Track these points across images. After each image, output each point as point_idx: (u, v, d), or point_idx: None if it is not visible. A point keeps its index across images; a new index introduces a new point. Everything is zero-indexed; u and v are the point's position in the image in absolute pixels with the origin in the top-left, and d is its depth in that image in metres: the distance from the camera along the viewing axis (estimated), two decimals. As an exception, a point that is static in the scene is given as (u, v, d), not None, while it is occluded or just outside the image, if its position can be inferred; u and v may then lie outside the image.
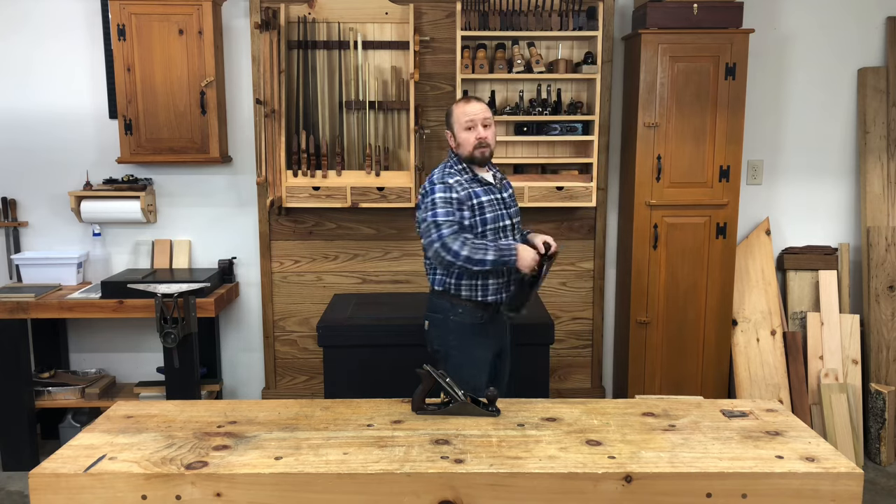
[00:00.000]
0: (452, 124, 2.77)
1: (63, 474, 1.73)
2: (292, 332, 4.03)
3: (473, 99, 2.79)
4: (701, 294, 3.69)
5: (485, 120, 2.72)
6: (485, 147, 2.72)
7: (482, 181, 2.75)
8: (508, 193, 2.84)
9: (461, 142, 2.73)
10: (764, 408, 2.13)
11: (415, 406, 2.11)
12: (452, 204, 2.65)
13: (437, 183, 2.69)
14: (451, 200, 2.66)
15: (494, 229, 2.72)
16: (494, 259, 2.60)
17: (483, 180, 2.76)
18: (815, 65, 3.89)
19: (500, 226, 2.75)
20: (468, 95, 2.93)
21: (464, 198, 2.67)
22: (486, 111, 2.74)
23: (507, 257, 2.61)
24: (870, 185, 3.90)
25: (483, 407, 2.09)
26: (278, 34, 3.64)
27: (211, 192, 3.93)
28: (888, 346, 3.84)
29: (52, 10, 3.76)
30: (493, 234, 2.72)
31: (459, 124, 2.73)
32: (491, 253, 2.60)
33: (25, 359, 3.63)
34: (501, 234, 2.74)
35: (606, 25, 3.75)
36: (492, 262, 2.60)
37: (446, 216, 2.63)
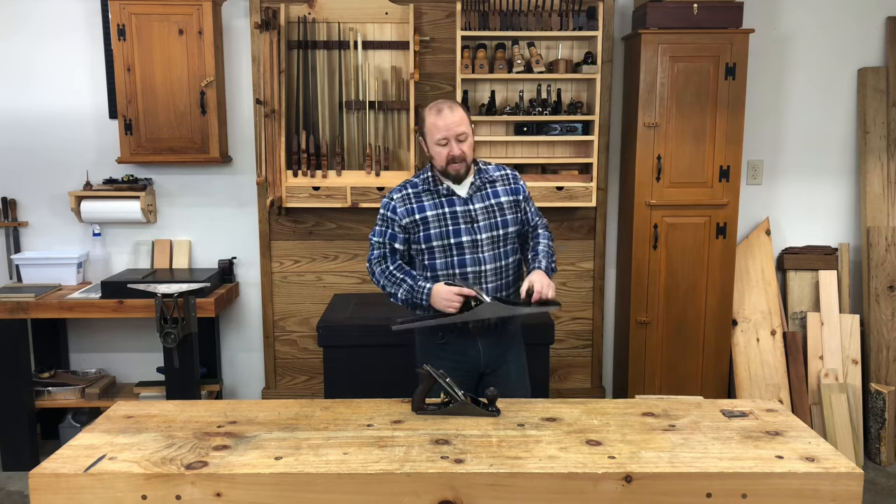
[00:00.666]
0: (424, 134, 2.52)
1: (63, 474, 1.73)
2: (292, 332, 4.03)
3: (446, 107, 2.46)
4: (701, 294, 3.69)
5: (460, 135, 2.44)
6: (459, 163, 2.46)
7: (441, 192, 2.52)
8: (488, 204, 2.53)
9: (433, 155, 2.50)
10: (764, 408, 2.13)
11: (415, 406, 2.10)
12: (385, 223, 2.54)
13: (385, 197, 2.57)
14: (385, 219, 2.54)
15: (444, 246, 2.49)
16: (405, 298, 2.49)
17: (444, 191, 2.52)
18: (815, 65, 3.89)
19: (454, 242, 2.49)
20: (441, 103, 2.49)
21: (401, 214, 2.51)
22: (460, 123, 2.44)
23: (419, 298, 2.45)
24: (870, 185, 3.90)
25: (483, 407, 2.09)
26: (278, 34, 3.64)
27: (211, 192, 3.93)
28: (888, 346, 3.84)
29: (52, 10, 3.76)
30: (442, 252, 2.50)
31: (431, 138, 2.48)
32: (403, 290, 2.48)
33: (25, 359, 3.63)
34: (455, 250, 2.49)
35: (606, 25, 3.75)
36: (403, 300, 2.50)
37: (379, 236, 2.55)
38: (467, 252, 2.51)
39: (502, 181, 2.61)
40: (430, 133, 2.47)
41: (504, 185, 2.59)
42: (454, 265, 2.51)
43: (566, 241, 3.96)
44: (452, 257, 2.51)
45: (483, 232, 2.51)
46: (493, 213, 2.54)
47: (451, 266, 2.51)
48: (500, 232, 2.54)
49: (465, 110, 2.50)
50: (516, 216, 2.59)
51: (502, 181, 2.61)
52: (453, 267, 2.51)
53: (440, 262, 2.52)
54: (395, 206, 2.53)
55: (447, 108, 2.46)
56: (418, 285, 2.46)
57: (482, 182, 2.57)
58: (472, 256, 2.51)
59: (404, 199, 2.54)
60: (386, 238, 2.55)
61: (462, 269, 2.51)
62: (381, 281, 2.54)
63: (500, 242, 2.55)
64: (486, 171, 2.60)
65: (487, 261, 2.53)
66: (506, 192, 2.59)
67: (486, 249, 2.52)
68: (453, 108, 2.47)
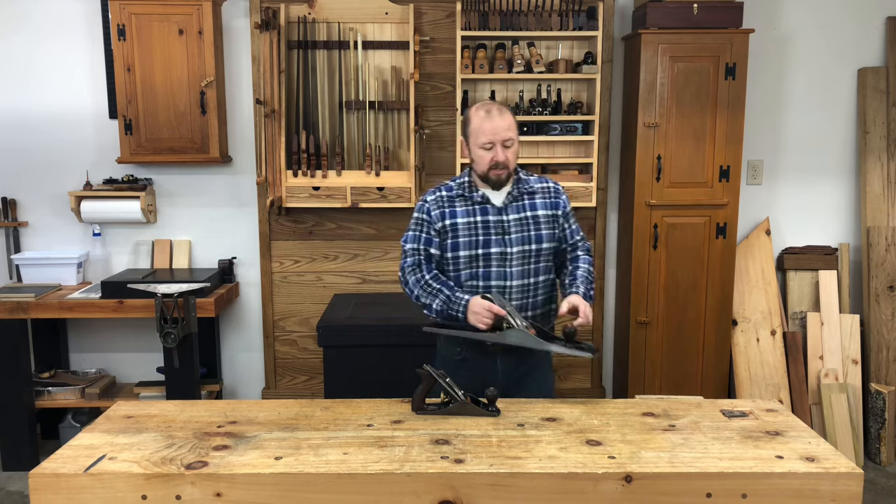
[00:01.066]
0: (468, 135, 2.38)
1: (63, 474, 1.73)
2: (292, 332, 4.03)
3: (495, 109, 2.34)
4: (701, 294, 3.69)
5: (506, 140, 2.32)
6: (502, 169, 2.34)
7: (475, 199, 2.41)
8: (523, 216, 2.41)
9: (475, 158, 2.37)
10: (764, 408, 2.13)
11: (415, 406, 2.10)
12: (421, 226, 2.42)
13: (419, 200, 2.47)
14: (421, 223, 2.42)
15: (472, 257, 2.37)
16: (440, 309, 2.34)
17: (478, 199, 2.40)
18: (815, 65, 3.89)
19: (482, 253, 2.37)
20: (489, 104, 2.37)
21: (435, 217, 2.40)
22: (509, 129, 2.33)
23: (455, 310, 2.30)
24: (870, 185, 3.90)
25: (483, 407, 2.08)
26: (278, 34, 3.64)
27: (211, 192, 3.93)
28: (888, 346, 3.84)
29: (52, 10, 3.76)
30: (468, 262, 2.38)
31: (476, 141, 2.35)
32: (439, 301, 2.34)
33: (25, 359, 3.63)
34: (482, 262, 2.37)
35: (606, 25, 3.75)
36: (437, 311, 2.35)
37: (413, 242, 2.42)
38: (494, 265, 2.38)
39: (543, 194, 2.46)
40: (475, 135, 2.34)
41: (544, 198, 2.45)
42: (478, 276, 2.39)
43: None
44: (478, 268, 2.39)
45: (514, 245, 2.38)
46: (528, 226, 2.41)
47: (476, 277, 2.39)
48: (532, 247, 2.40)
49: (512, 118, 2.38)
50: (553, 232, 2.44)
51: (543, 194, 2.46)
52: (477, 279, 2.39)
53: (465, 272, 2.40)
54: (429, 209, 2.42)
55: (496, 111, 2.34)
56: (455, 296, 2.32)
57: (520, 192, 2.43)
58: (498, 270, 2.38)
59: (438, 202, 2.42)
60: (421, 244, 2.42)
61: (486, 281, 2.38)
62: (416, 291, 2.40)
63: (532, 258, 2.41)
64: (527, 181, 2.47)
65: (514, 276, 2.39)
66: (545, 205, 2.45)
67: (514, 264, 2.38)
68: (502, 111, 2.35)
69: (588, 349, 2.20)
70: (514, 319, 2.23)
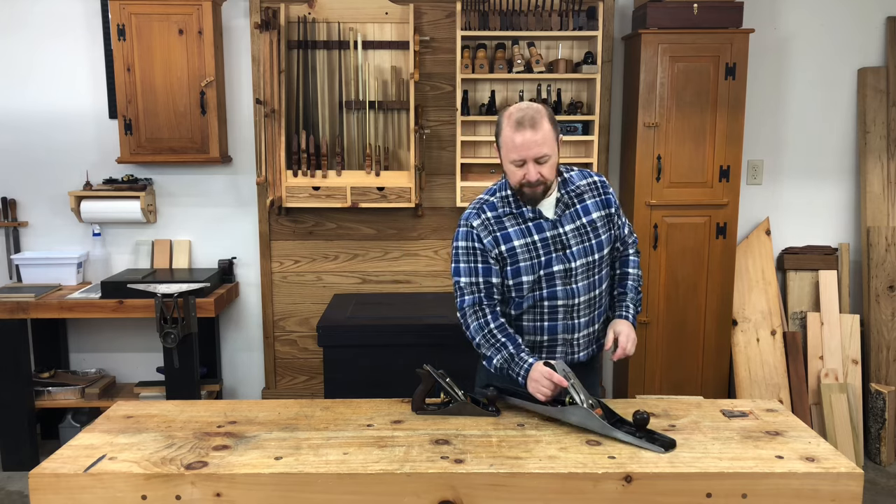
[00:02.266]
0: (500, 145, 2.13)
1: (63, 474, 1.73)
2: (292, 332, 4.02)
3: (527, 122, 2.03)
4: (701, 294, 3.69)
5: (540, 157, 2.05)
6: (536, 186, 2.09)
7: (527, 215, 2.16)
8: (579, 224, 2.18)
9: (507, 172, 2.13)
10: (764, 408, 2.13)
11: (415, 406, 2.09)
12: (476, 256, 2.15)
13: (462, 225, 2.17)
14: (473, 252, 2.15)
15: (534, 280, 2.15)
16: (501, 366, 2.13)
17: (529, 214, 2.16)
18: (815, 65, 3.89)
19: (545, 274, 2.15)
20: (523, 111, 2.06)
21: (489, 244, 2.14)
22: (542, 144, 2.04)
23: (516, 371, 2.09)
24: (870, 185, 3.90)
25: (483, 407, 2.08)
26: (278, 34, 3.64)
27: (211, 192, 3.93)
28: (888, 346, 3.84)
29: (52, 11, 3.76)
30: (531, 286, 2.16)
31: (506, 155, 2.09)
32: (501, 357, 2.11)
33: (25, 359, 3.63)
34: (546, 282, 2.15)
35: (606, 25, 3.75)
36: (497, 367, 2.14)
37: (468, 275, 2.15)
38: (559, 283, 2.16)
39: (591, 192, 2.22)
40: (505, 148, 2.08)
41: (594, 197, 2.22)
42: (543, 298, 2.17)
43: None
44: (542, 290, 2.16)
45: (577, 259, 2.16)
46: (587, 235, 2.18)
47: (541, 299, 2.17)
48: (595, 256, 2.19)
49: (551, 124, 2.07)
50: (610, 234, 2.23)
51: (591, 192, 2.22)
52: (542, 300, 2.17)
53: (528, 297, 2.17)
54: (479, 235, 2.15)
55: (528, 123, 2.03)
56: (520, 357, 2.08)
57: (569, 197, 2.19)
58: (563, 288, 2.16)
59: (485, 225, 2.15)
60: (478, 276, 2.14)
61: (552, 301, 2.16)
62: (478, 339, 2.15)
63: (595, 268, 2.20)
64: (571, 180, 2.22)
65: (581, 292, 2.18)
66: (596, 205, 2.21)
67: (580, 279, 2.17)
68: (536, 122, 2.03)
69: (661, 443, 1.83)
70: (577, 395, 1.97)
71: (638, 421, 1.86)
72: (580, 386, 1.99)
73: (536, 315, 2.20)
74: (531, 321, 2.22)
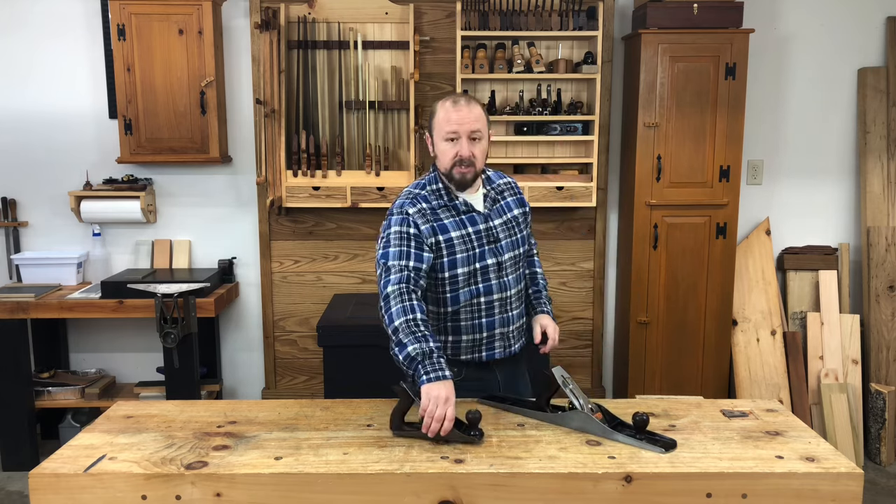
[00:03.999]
0: (433, 128, 2.14)
1: (63, 474, 1.73)
2: (292, 332, 4.03)
3: (463, 100, 2.11)
4: (701, 294, 3.69)
5: (473, 132, 2.09)
6: (467, 167, 2.10)
7: (460, 208, 2.17)
8: (506, 219, 2.23)
9: (438, 153, 2.13)
10: (764, 408, 2.13)
11: (393, 426, 1.92)
12: (410, 241, 2.09)
13: (395, 213, 2.13)
14: (407, 237, 2.09)
15: (470, 273, 2.15)
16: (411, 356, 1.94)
17: (462, 207, 2.17)
18: (815, 65, 3.89)
19: (480, 267, 2.15)
20: (457, 94, 2.16)
21: (426, 233, 2.11)
22: (476, 120, 2.10)
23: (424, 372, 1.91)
24: (870, 185, 3.90)
25: (464, 431, 1.86)
26: (278, 34, 3.64)
27: (211, 192, 3.93)
28: (888, 346, 3.84)
29: (52, 10, 3.76)
30: (465, 280, 2.15)
31: (439, 132, 2.11)
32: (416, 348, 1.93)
33: (25, 359, 3.63)
34: (481, 276, 2.16)
35: (606, 25, 3.75)
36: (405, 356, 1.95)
37: (399, 258, 2.06)
38: (493, 277, 2.17)
39: (509, 191, 2.31)
40: (439, 126, 2.11)
41: (512, 196, 2.30)
42: (479, 293, 2.16)
43: (566, 241, 3.97)
44: (477, 284, 2.16)
45: (506, 252, 2.19)
46: (513, 230, 2.24)
47: (477, 294, 2.16)
48: (520, 250, 2.25)
49: (484, 113, 2.15)
50: (525, 232, 2.30)
51: (509, 191, 2.31)
52: (479, 295, 2.16)
53: (464, 291, 2.16)
54: (414, 221, 2.11)
55: (464, 101, 2.10)
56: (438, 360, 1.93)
57: (496, 193, 2.25)
58: (497, 282, 2.17)
59: (422, 213, 2.13)
60: (410, 259, 2.06)
61: (488, 296, 2.17)
62: (397, 322, 1.98)
63: (520, 262, 2.26)
64: (491, 178, 2.29)
65: (512, 284, 2.21)
66: (515, 203, 2.29)
67: (510, 272, 2.20)
68: (471, 102, 2.11)
69: (663, 444, 1.83)
70: (577, 400, 1.94)
71: (638, 423, 1.85)
72: (579, 391, 1.98)
73: (474, 312, 2.18)
74: (469, 319, 2.20)
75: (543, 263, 3.91)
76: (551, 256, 3.97)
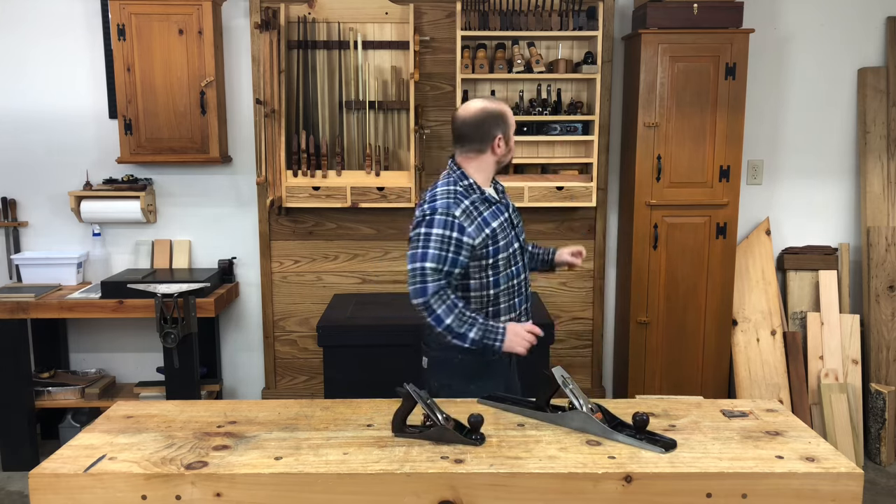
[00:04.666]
0: (507, 128, 2.39)
1: (63, 474, 1.73)
2: (292, 332, 4.03)
3: None
4: (701, 294, 3.69)
5: None
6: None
7: (491, 200, 2.39)
8: (512, 208, 2.51)
9: (511, 149, 2.43)
10: (764, 408, 2.13)
11: (394, 428, 1.93)
12: (450, 246, 2.25)
13: (440, 213, 2.27)
14: (449, 241, 2.25)
15: (507, 257, 2.37)
16: (475, 339, 2.25)
17: (492, 199, 2.40)
18: (815, 65, 3.89)
19: (512, 252, 2.39)
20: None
21: (471, 234, 2.28)
22: None
23: (492, 340, 2.26)
24: (870, 185, 3.90)
25: (466, 434, 1.87)
26: (278, 34, 3.64)
27: (211, 192, 3.93)
28: (888, 346, 3.84)
29: (51, 11, 3.76)
30: (505, 264, 2.36)
31: (511, 130, 2.41)
32: (476, 330, 2.25)
33: (25, 359, 3.63)
34: (513, 260, 2.39)
35: (606, 25, 3.75)
36: (472, 341, 2.25)
37: (436, 262, 2.24)
38: (518, 260, 2.42)
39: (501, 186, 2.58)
40: (511, 126, 2.41)
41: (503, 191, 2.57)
42: (512, 276, 2.39)
43: (566, 241, 3.96)
44: (510, 268, 2.38)
45: (521, 237, 2.48)
46: (518, 219, 2.52)
47: (512, 277, 2.39)
48: (524, 236, 2.54)
49: None
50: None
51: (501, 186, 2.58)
52: (513, 277, 2.40)
53: (503, 274, 2.37)
54: (460, 225, 2.26)
55: None
56: (491, 325, 2.27)
57: (500, 188, 2.53)
58: (521, 264, 2.44)
59: (468, 213, 2.29)
60: (446, 265, 2.24)
61: (518, 277, 2.42)
62: (448, 321, 2.24)
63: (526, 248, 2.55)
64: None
65: (526, 268, 2.49)
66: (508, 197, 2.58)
67: (524, 257, 2.49)
68: None
69: (663, 444, 1.83)
70: (577, 399, 1.95)
71: (638, 423, 1.85)
72: (579, 391, 1.99)
73: (510, 293, 2.41)
74: (507, 301, 2.42)
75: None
76: (551, 256, 3.97)
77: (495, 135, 2.36)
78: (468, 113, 2.37)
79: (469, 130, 2.36)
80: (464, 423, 1.90)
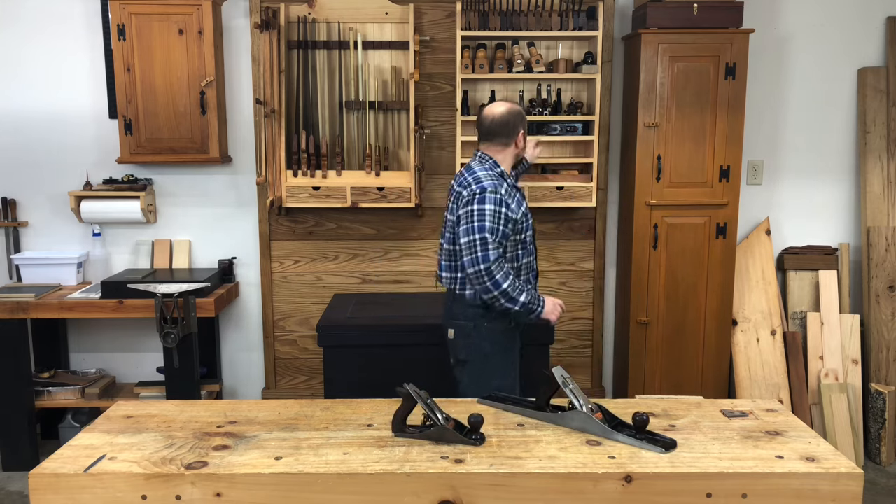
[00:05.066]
0: (526, 126, 2.81)
1: (63, 474, 1.73)
2: (292, 332, 4.03)
3: None
4: (701, 294, 3.69)
5: None
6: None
7: (516, 186, 2.76)
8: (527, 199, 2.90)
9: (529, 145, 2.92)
10: (764, 408, 2.13)
11: (394, 428, 1.93)
12: (501, 220, 2.57)
13: (490, 192, 2.58)
14: (500, 215, 2.57)
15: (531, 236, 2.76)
16: (525, 303, 2.60)
17: (517, 185, 2.78)
18: (815, 65, 3.89)
19: (531, 233, 2.78)
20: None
21: (515, 210, 2.63)
22: None
23: (536, 306, 2.63)
24: (870, 185, 3.90)
25: (466, 434, 1.88)
26: (278, 34, 3.64)
27: (211, 192, 3.93)
28: (888, 346, 3.84)
29: (51, 10, 3.76)
30: (530, 241, 2.75)
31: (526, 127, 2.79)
32: (525, 295, 2.60)
33: (25, 359, 3.63)
34: (530, 242, 2.76)
35: (606, 25, 3.75)
36: (522, 304, 2.60)
37: (492, 234, 2.54)
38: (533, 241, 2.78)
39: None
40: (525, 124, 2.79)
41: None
42: (530, 253, 2.76)
43: (566, 241, 3.97)
44: (529, 245, 2.75)
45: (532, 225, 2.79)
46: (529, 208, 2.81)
47: (531, 254, 2.77)
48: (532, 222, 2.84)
49: None
50: None
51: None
52: (531, 255, 2.77)
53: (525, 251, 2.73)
54: (507, 202, 2.60)
55: None
56: (536, 294, 2.64)
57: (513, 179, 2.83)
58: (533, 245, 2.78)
59: (510, 193, 2.65)
60: (501, 237, 2.58)
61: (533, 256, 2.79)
62: (505, 285, 2.56)
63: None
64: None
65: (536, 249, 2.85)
66: None
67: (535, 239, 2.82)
68: None
69: (663, 444, 1.83)
70: (577, 399, 1.95)
71: (638, 423, 1.85)
72: (579, 391, 1.99)
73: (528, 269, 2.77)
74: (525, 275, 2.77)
75: (544, 263, 3.92)
76: (551, 256, 3.98)
77: (519, 130, 2.73)
78: (497, 112, 2.71)
79: (498, 127, 2.70)
80: (464, 423, 1.90)
